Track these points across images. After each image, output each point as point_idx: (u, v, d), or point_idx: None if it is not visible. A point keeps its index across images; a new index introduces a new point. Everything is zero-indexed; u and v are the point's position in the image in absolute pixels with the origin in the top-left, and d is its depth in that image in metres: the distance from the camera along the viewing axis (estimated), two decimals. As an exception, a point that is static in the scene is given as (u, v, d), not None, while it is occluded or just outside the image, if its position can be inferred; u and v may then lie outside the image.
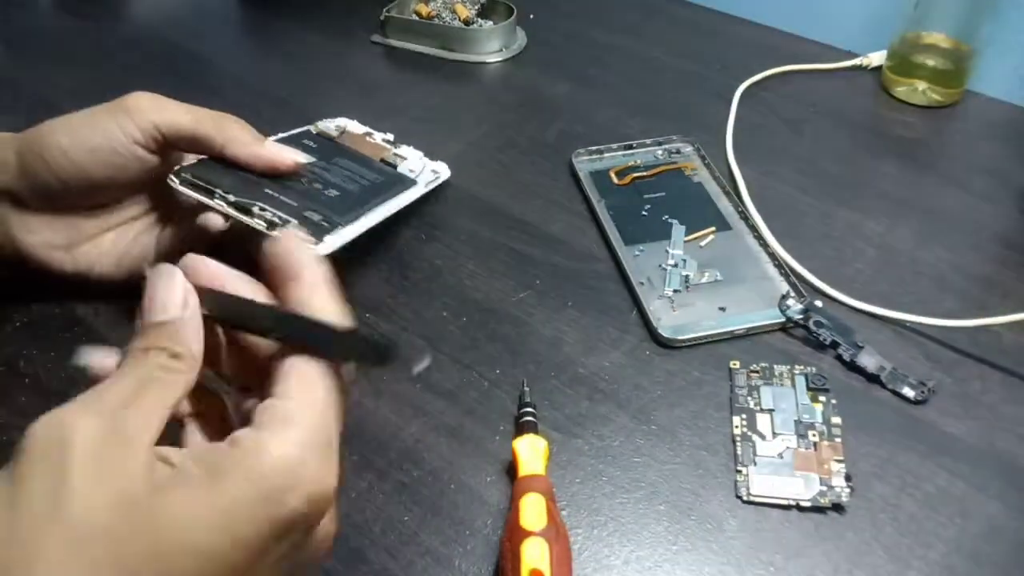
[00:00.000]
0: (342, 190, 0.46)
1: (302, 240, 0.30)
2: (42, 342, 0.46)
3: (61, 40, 0.77)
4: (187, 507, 0.22)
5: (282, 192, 0.43)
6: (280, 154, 0.44)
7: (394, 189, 0.50)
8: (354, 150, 0.53)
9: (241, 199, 0.41)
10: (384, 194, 0.48)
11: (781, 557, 0.37)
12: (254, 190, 0.42)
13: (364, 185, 0.48)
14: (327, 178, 0.47)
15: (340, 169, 0.49)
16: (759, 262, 0.51)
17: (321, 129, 0.54)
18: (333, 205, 0.44)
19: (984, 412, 0.43)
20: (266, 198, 0.42)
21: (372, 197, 0.47)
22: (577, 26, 0.77)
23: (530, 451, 0.39)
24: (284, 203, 0.42)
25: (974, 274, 0.51)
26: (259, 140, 0.44)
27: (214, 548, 0.22)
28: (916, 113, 0.66)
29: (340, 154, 0.51)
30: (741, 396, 0.43)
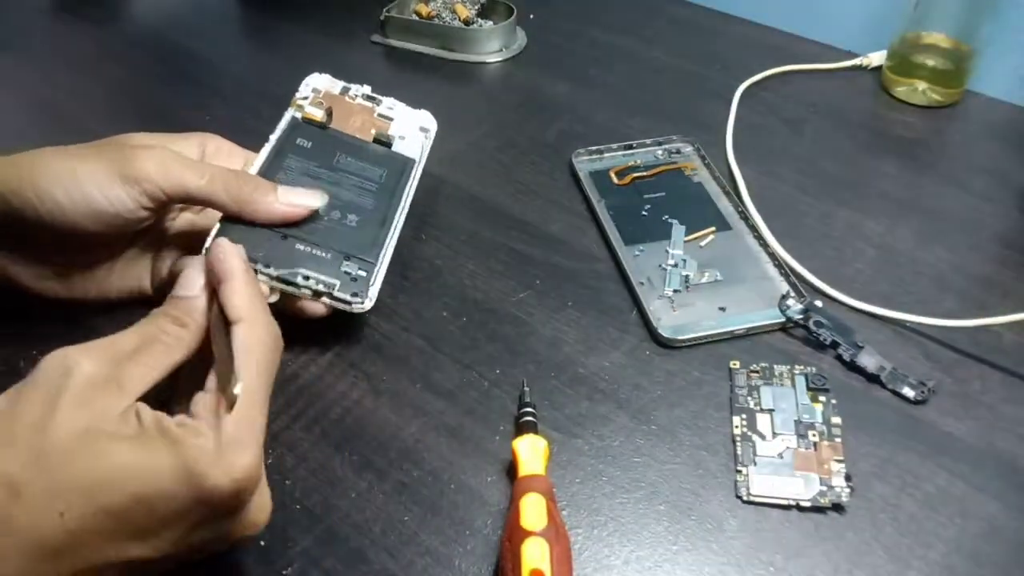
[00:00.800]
0: (359, 210, 0.45)
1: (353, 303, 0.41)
2: (42, 342, 0.45)
3: (61, 40, 0.77)
4: (128, 458, 0.27)
5: (312, 243, 0.42)
6: (295, 208, 0.42)
7: (400, 180, 0.49)
8: (349, 136, 0.50)
9: (282, 271, 0.41)
10: (394, 194, 0.48)
11: (781, 557, 0.37)
12: (288, 253, 0.41)
13: (374, 191, 0.47)
14: (341, 196, 0.45)
15: (346, 176, 0.47)
16: (759, 262, 0.51)
17: (307, 113, 0.49)
18: (360, 239, 0.44)
19: (984, 412, 0.43)
20: (301, 259, 0.41)
21: (387, 205, 0.47)
22: (577, 26, 0.77)
23: (530, 451, 0.39)
24: (319, 258, 0.42)
25: (974, 274, 0.51)
26: (270, 193, 0.41)
27: (140, 493, 0.27)
28: (916, 113, 0.66)
29: (338, 148, 0.49)
30: (741, 396, 0.43)
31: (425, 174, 0.59)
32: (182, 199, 0.40)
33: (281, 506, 0.39)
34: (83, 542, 0.27)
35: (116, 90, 0.69)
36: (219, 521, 0.30)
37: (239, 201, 0.40)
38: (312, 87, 0.51)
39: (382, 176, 0.49)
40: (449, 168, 0.60)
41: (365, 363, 0.45)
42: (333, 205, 0.45)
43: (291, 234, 0.42)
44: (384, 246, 0.45)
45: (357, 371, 0.45)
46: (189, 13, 0.81)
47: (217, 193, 0.40)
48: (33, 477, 0.26)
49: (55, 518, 0.26)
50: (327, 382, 0.44)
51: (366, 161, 0.49)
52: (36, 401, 0.28)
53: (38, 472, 0.26)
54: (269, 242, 0.41)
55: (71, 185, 0.38)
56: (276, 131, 0.48)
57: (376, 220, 0.46)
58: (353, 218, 0.45)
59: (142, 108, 0.67)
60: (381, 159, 0.50)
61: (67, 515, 0.26)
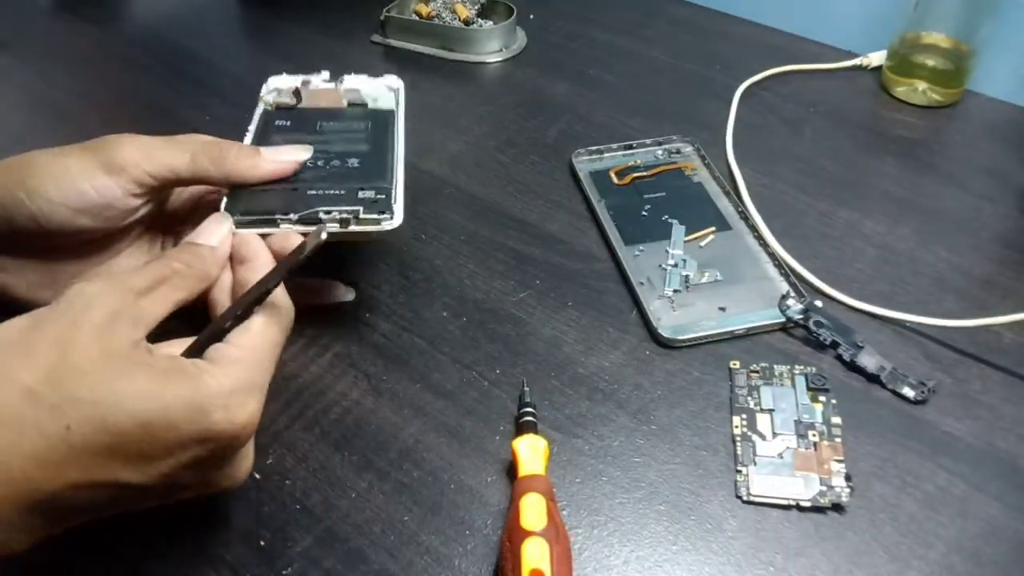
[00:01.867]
0: (358, 155, 0.45)
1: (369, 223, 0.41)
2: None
3: (61, 40, 0.77)
4: (141, 384, 0.29)
5: (321, 187, 0.42)
6: (282, 163, 0.42)
7: (387, 127, 0.48)
8: (323, 108, 0.50)
9: (303, 214, 0.40)
10: (386, 136, 0.47)
11: (781, 557, 0.37)
12: (302, 199, 0.41)
13: (366, 137, 0.46)
14: (333, 150, 0.45)
15: (335, 135, 0.46)
16: (759, 262, 0.51)
17: (277, 102, 0.49)
18: (367, 173, 0.43)
19: (984, 412, 0.43)
20: (317, 201, 0.41)
21: (382, 145, 0.46)
22: (577, 26, 0.77)
23: (530, 451, 0.39)
24: (334, 196, 0.42)
25: (974, 274, 0.51)
26: (256, 155, 0.42)
27: (146, 419, 0.29)
28: (916, 113, 0.66)
29: (317, 118, 0.48)
30: (741, 396, 0.43)
31: (425, 174, 0.59)
32: (171, 180, 0.40)
33: (281, 506, 0.39)
34: (82, 458, 0.28)
35: (116, 90, 0.69)
36: (209, 463, 0.32)
37: (226, 170, 0.41)
38: (274, 87, 0.51)
39: (367, 126, 0.48)
40: (449, 168, 0.60)
41: (365, 363, 0.45)
42: (329, 157, 0.44)
43: (300, 186, 0.42)
44: (394, 170, 0.44)
45: (357, 371, 0.45)
46: (189, 13, 0.81)
47: (204, 168, 0.40)
48: (47, 390, 0.28)
49: (61, 430, 0.28)
50: (327, 382, 0.44)
51: (347, 120, 0.48)
52: (58, 323, 0.30)
53: (52, 386, 0.28)
54: (282, 196, 0.42)
55: (62, 181, 0.38)
56: (252, 123, 0.47)
57: (377, 157, 0.45)
58: (354, 161, 0.44)
59: (142, 108, 0.67)
60: (361, 116, 0.49)
61: (73, 429, 0.28)
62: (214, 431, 0.30)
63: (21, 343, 0.29)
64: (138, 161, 0.39)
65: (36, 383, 0.28)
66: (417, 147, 0.61)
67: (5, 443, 0.27)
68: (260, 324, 0.34)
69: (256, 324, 0.34)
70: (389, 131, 0.48)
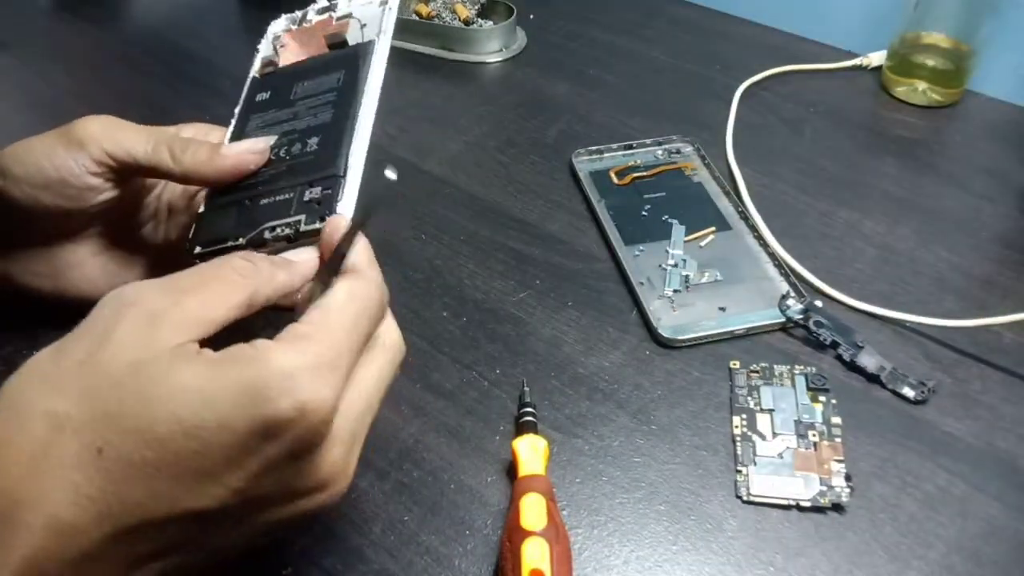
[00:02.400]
0: (319, 129, 0.41)
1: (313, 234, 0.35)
2: (42, 342, 0.45)
3: (61, 40, 0.77)
4: (184, 380, 0.25)
5: (275, 189, 0.40)
6: (239, 157, 0.39)
7: (360, 71, 0.43)
8: (302, 64, 0.46)
9: (251, 235, 0.38)
10: (354, 91, 0.42)
11: (781, 557, 0.37)
12: (254, 213, 0.39)
13: (333, 100, 0.42)
14: (299, 128, 0.42)
15: (304, 103, 0.43)
16: (759, 262, 0.51)
17: (263, 57, 0.46)
18: (321, 159, 0.40)
19: (984, 412, 0.43)
20: (268, 213, 0.39)
21: (347, 107, 0.42)
22: (577, 26, 0.77)
23: (530, 451, 0.39)
24: (281, 203, 0.39)
25: (974, 274, 0.51)
26: (215, 152, 0.39)
27: (195, 423, 0.24)
28: (916, 113, 0.66)
29: (294, 79, 0.44)
30: (741, 396, 0.43)
31: (425, 174, 0.59)
32: (129, 165, 0.39)
33: (281, 506, 0.39)
34: (123, 486, 0.24)
35: (116, 90, 0.69)
36: (287, 469, 0.26)
37: (183, 166, 0.38)
38: (272, 35, 0.48)
39: (339, 80, 0.43)
40: (449, 168, 0.60)
41: (365, 363, 0.45)
42: (293, 139, 0.41)
43: (256, 193, 0.40)
44: (349, 147, 0.40)
45: None
46: (189, 13, 0.81)
47: (163, 159, 0.38)
48: (76, 412, 0.24)
49: (92, 455, 0.24)
50: (327, 382, 0.44)
51: (321, 74, 0.44)
52: (85, 338, 0.26)
53: (81, 407, 0.24)
54: (238, 213, 0.39)
55: (26, 157, 0.38)
56: (240, 102, 0.45)
57: (336, 129, 0.41)
58: (314, 141, 0.41)
59: (142, 108, 0.67)
60: (336, 63, 0.45)
61: (105, 451, 0.24)
62: (279, 419, 0.25)
63: (49, 370, 0.26)
64: (97, 138, 0.38)
65: (66, 407, 0.24)
66: (417, 147, 0.61)
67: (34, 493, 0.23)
68: (338, 297, 0.29)
69: (332, 298, 0.29)
70: (360, 81, 0.42)
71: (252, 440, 0.25)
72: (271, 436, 0.25)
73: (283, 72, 0.46)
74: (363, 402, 0.29)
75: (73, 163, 0.38)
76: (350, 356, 0.28)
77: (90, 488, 0.24)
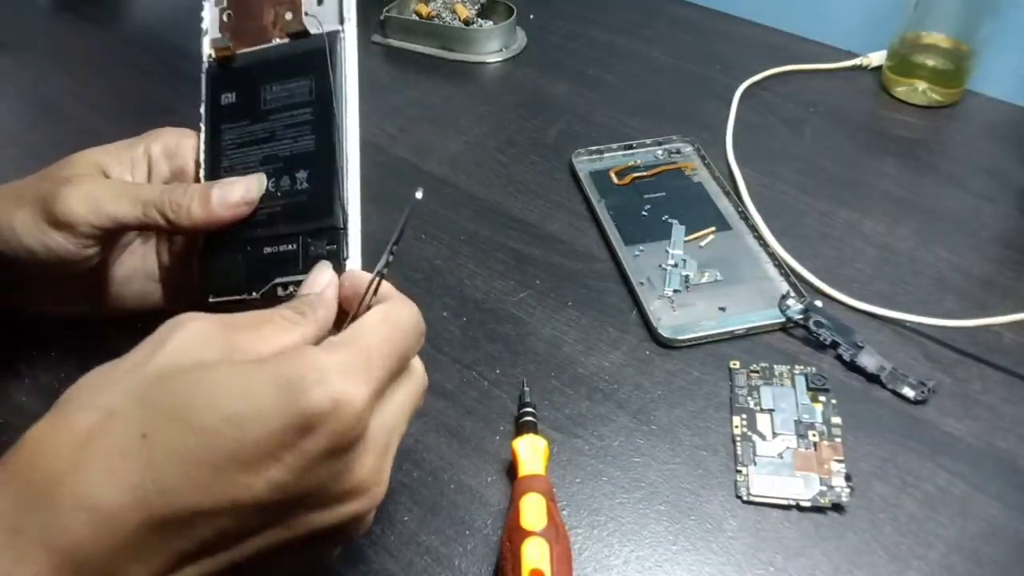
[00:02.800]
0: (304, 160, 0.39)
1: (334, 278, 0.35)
2: (42, 342, 0.46)
3: (61, 40, 0.77)
4: (227, 375, 0.26)
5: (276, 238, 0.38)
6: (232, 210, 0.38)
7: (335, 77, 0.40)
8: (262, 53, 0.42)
9: (264, 289, 0.38)
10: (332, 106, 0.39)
11: (781, 557, 0.37)
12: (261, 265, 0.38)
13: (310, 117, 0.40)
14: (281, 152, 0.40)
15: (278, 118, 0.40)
16: (759, 262, 0.51)
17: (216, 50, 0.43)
18: (316, 199, 0.38)
19: (984, 412, 0.43)
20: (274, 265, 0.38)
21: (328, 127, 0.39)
22: (577, 26, 0.77)
23: (530, 451, 0.39)
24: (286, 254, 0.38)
25: (974, 274, 0.51)
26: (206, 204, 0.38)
27: (233, 412, 0.25)
28: (916, 113, 0.66)
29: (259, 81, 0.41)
30: (741, 396, 0.43)
31: (425, 174, 0.59)
32: (120, 231, 0.39)
33: (281, 506, 0.39)
34: (163, 473, 0.24)
35: (116, 90, 0.69)
36: (324, 468, 0.26)
37: (177, 221, 0.37)
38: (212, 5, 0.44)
39: (311, 89, 0.40)
40: (449, 168, 0.60)
41: (365, 363, 0.45)
42: (279, 169, 0.39)
43: (256, 236, 0.39)
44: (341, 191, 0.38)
45: None
46: (189, 13, 0.80)
47: (154, 219, 0.37)
48: (123, 404, 0.25)
49: (137, 440, 0.24)
50: (327, 382, 0.44)
51: (290, 79, 0.41)
52: (140, 350, 0.27)
53: (128, 399, 0.25)
54: (245, 265, 0.39)
55: (10, 237, 0.37)
56: (201, 100, 0.43)
57: (325, 164, 0.39)
58: (303, 176, 0.39)
59: (142, 108, 0.67)
60: (302, 63, 0.41)
61: (149, 436, 0.24)
62: (314, 411, 0.25)
63: (103, 375, 0.27)
64: (84, 217, 0.36)
65: (111, 402, 0.25)
66: (417, 147, 0.61)
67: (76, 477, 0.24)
68: (372, 317, 0.30)
69: (367, 317, 0.30)
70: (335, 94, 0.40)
71: (289, 433, 0.25)
72: (307, 430, 0.25)
73: (243, 66, 0.42)
74: (394, 418, 0.30)
75: (65, 243, 0.37)
76: (382, 366, 0.29)
77: (130, 474, 0.24)
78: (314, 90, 0.40)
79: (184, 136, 0.42)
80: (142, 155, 0.41)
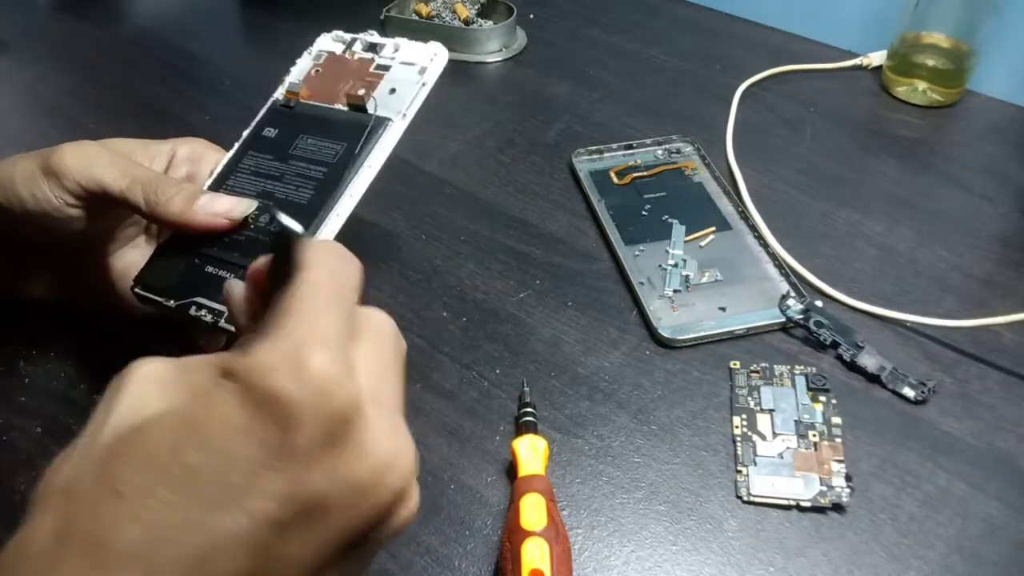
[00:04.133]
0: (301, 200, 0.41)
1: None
2: (42, 342, 0.46)
3: (61, 40, 0.77)
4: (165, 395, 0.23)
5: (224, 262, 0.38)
6: (211, 220, 0.38)
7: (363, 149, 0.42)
8: (319, 110, 0.45)
9: (180, 304, 0.38)
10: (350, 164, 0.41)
11: (781, 557, 0.37)
12: (195, 280, 0.38)
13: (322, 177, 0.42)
14: (284, 189, 0.42)
15: (300, 161, 0.42)
16: (759, 262, 0.51)
17: (288, 89, 0.46)
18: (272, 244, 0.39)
19: (984, 412, 0.43)
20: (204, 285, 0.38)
21: (337, 181, 0.41)
22: (577, 26, 0.77)
23: (530, 451, 0.39)
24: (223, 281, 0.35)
25: (974, 274, 0.51)
26: (189, 205, 0.38)
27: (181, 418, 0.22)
28: (916, 113, 0.66)
29: (301, 130, 0.44)
30: (741, 396, 0.43)
31: (425, 174, 0.59)
32: (101, 197, 0.38)
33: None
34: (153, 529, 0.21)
35: (116, 90, 0.69)
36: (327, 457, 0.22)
37: (156, 212, 0.37)
38: (318, 50, 0.49)
39: (336, 155, 0.43)
40: (449, 168, 0.60)
41: (365, 363, 0.45)
42: (267, 207, 0.40)
43: (208, 255, 0.39)
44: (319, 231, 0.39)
45: None
46: (188, 13, 0.81)
47: (135, 196, 0.38)
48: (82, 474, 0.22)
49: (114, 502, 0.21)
50: (327, 382, 0.44)
51: (327, 137, 0.44)
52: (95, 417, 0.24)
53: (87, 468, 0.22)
54: (184, 269, 0.39)
55: (8, 185, 0.38)
56: (249, 126, 0.45)
57: (315, 206, 0.40)
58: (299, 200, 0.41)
59: (142, 108, 0.67)
60: (343, 130, 0.44)
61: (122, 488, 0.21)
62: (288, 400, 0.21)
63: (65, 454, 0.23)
64: (71, 170, 0.37)
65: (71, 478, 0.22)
66: (417, 147, 0.61)
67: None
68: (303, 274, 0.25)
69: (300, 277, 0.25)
70: (358, 160, 0.42)
71: (272, 436, 0.22)
72: (291, 426, 0.22)
73: (297, 114, 0.46)
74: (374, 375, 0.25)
75: (52, 195, 0.38)
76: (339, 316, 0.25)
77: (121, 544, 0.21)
78: (338, 156, 0.42)
79: (212, 149, 0.44)
80: (167, 152, 0.42)
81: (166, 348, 0.27)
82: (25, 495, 0.38)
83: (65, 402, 0.43)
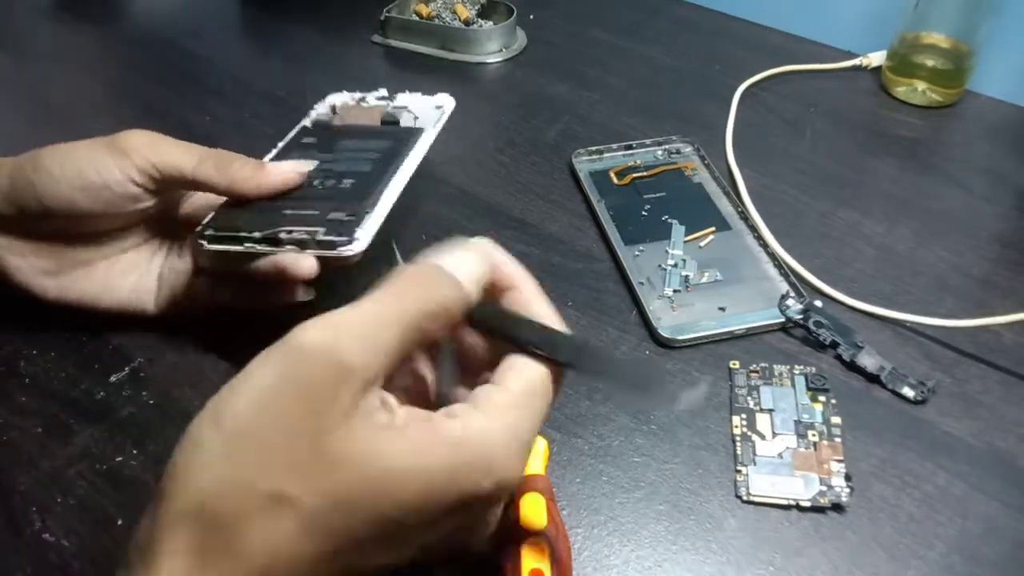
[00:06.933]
0: (356, 175, 0.45)
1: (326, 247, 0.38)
2: (42, 342, 0.46)
3: (61, 40, 0.77)
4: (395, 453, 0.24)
5: (301, 206, 0.42)
6: (283, 175, 0.43)
7: (405, 146, 0.47)
8: (354, 126, 0.51)
9: (267, 232, 0.40)
10: (397, 158, 0.46)
11: (781, 557, 0.37)
12: (274, 217, 0.41)
13: (374, 158, 0.47)
14: (337, 169, 0.46)
15: (346, 154, 0.47)
16: (759, 262, 0.51)
17: (315, 118, 0.52)
18: (353, 194, 0.43)
19: (984, 412, 0.43)
20: (288, 220, 0.41)
21: (387, 167, 0.46)
22: (577, 26, 0.77)
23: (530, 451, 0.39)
24: (307, 216, 0.41)
25: (974, 274, 0.51)
26: (259, 168, 0.42)
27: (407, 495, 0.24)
28: (916, 113, 0.66)
29: (341, 136, 0.50)
30: (741, 396, 0.43)
31: (425, 175, 0.59)
32: (173, 177, 0.41)
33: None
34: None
35: (116, 90, 0.69)
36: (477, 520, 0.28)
37: (229, 178, 0.41)
38: (328, 103, 0.54)
39: (384, 146, 0.48)
40: (449, 168, 0.60)
41: (365, 363, 0.45)
42: (328, 174, 0.45)
43: (287, 203, 0.43)
44: (378, 194, 0.43)
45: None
46: (189, 13, 0.81)
47: (208, 172, 0.41)
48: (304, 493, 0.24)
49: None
50: (327, 382, 0.44)
51: (369, 139, 0.49)
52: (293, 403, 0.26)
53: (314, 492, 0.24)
54: (257, 212, 0.42)
55: (66, 159, 0.40)
56: (287, 136, 0.50)
57: (373, 178, 0.45)
58: (349, 181, 0.45)
59: (142, 108, 0.67)
60: (384, 134, 0.50)
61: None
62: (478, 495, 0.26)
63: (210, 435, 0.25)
64: (143, 149, 0.40)
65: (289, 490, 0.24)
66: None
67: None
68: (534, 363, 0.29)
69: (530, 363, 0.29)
70: (403, 153, 0.47)
71: (449, 513, 0.25)
72: (466, 507, 0.26)
73: (334, 128, 0.51)
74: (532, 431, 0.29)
75: (117, 170, 0.40)
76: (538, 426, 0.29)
77: None
78: (386, 147, 0.48)
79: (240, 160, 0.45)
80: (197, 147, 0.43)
81: None
82: (25, 495, 0.38)
83: (65, 402, 0.43)
